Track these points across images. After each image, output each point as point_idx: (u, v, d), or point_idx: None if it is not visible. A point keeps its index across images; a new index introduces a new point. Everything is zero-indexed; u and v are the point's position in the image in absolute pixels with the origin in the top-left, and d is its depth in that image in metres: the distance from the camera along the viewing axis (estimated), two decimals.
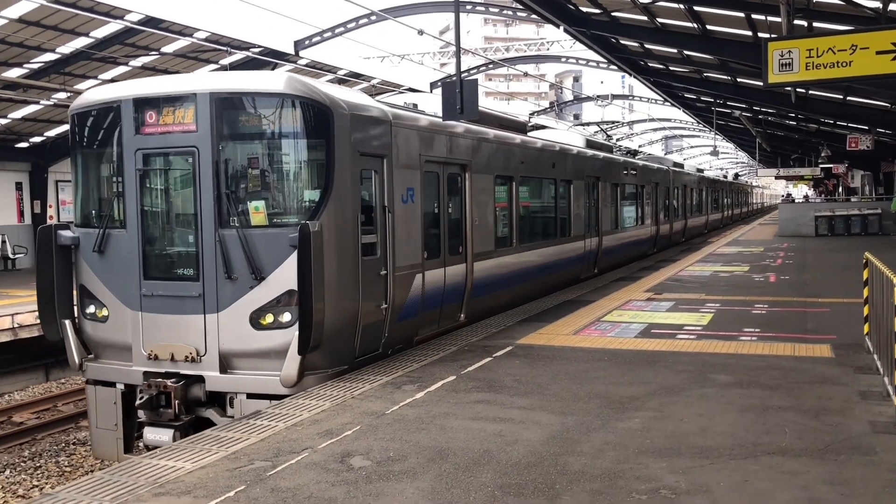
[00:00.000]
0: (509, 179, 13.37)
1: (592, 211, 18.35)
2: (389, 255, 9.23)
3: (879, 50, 9.04)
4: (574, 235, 16.83)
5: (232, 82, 8.56)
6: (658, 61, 22.56)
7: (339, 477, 5.44)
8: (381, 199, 9.17)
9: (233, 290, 8.11)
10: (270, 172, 8.49)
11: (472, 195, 11.61)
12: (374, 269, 8.93)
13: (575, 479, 5.29)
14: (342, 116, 8.39)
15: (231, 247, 8.09)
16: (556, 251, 15.70)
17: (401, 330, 9.65)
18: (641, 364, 8.74)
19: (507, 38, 79.08)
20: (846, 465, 5.43)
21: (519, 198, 13.71)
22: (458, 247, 11.33)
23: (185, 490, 5.27)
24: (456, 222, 11.39)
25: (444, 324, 10.98)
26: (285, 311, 7.99)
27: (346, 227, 8.41)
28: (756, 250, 25.18)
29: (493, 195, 12.55)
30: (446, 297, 10.90)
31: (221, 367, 8.18)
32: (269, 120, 8.39)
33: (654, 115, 55.51)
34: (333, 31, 23.81)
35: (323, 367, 8.27)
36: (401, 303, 9.52)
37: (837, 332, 10.26)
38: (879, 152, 32.41)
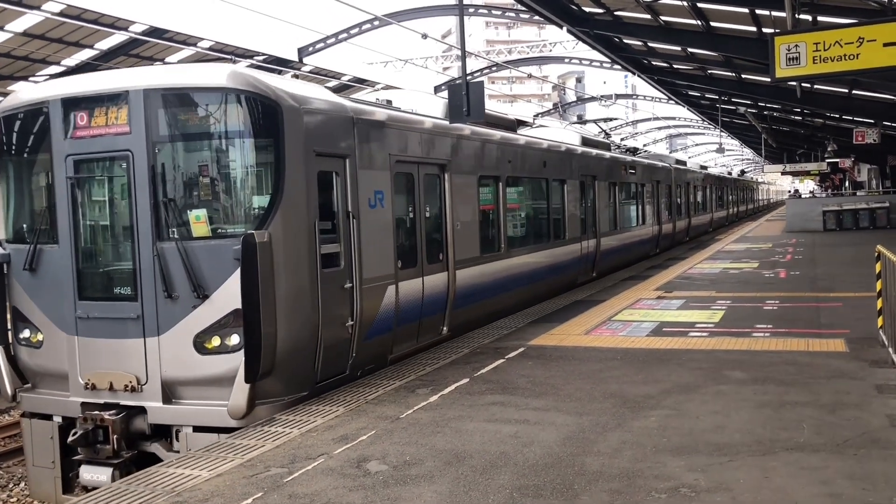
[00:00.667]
0: (495, 180, 12.60)
1: (589, 211, 17.64)
2: (355, 266, 8.37)
3: (887, 42, 9.00)
4: (569, 238, 16.05)
5: (168, 77, 7.70)
6: (662, 59, 22.54)
7: (356, 482, 5.43)
8: (344, 203, 8.32)
9: (174, 310, 7.32)
10: (213, 177, 7.62)
11: (452, 198, 10.75)
12: (336, 282, 8.08)
13: (593, 479, 5.27)
14: (293, 112, 7.56)
15: (170, 262, 7.30)
16: (549, 255, 14.91)
17: (372, 348, 8.81)
18: (655, 362, 8.71)
19: (510, 41, 79.11)
20: (866, 459, 5.39)
21: (507, 199, 12.95)
22: (437, 254, 10.47)
23: (202, 498, 5.27)
24: (435, 227, 10.56)
25: (424, 338, 10.12)
26: (233, 334, 7.18)
27: (301, 237, 7.55)
28: (764, 246, 25.10)
29: (478, 197, 11.73)
30: (426, 310, 10.03)
31: (165, 397, 7.38)
32: (210, 118, 7.57)
33: (659, 113, 55.43)
34: (337, 38, 23.86)
35: (277, 395, 7.43)
36: (370, 318, 8.67)
37: (851, 327, 10.20)
38: (886, 146, 32.28)
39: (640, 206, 22.96)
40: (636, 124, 56.75)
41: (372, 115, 9.07)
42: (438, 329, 10.55)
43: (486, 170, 12.12)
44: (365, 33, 23.70)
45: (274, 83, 7.66)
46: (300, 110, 7.66)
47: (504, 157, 12.86)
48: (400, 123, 9.70)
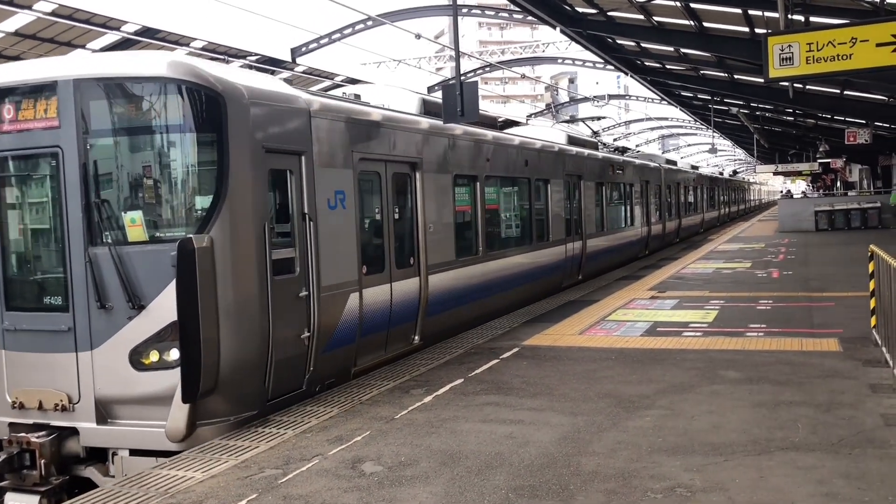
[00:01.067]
0: (473, 179, 11.99)
1: (575, 212, 17.10)
2: (312, 273, 7.76)
3: (880, 42, 9.04)
4: (553, 240, 15.49)
5: (102, 66, 7.03)
6: (655, 60, 22.58)
7: (351, 483, 5.40)
8: (300, 204, 7.71)
9: (108, 322, 6.74)
10: (151, 176, 7.03)
11: (424, 198, 10.14)
12: (290, 291, 7.48)
13: (589, 479, 5.26)
14: (239, 105, 6.96)
15: (104, 269, 6.72)
16: (531, 258, 14.29)
17: (332, 361, 8.22)
18: (649, 362, 8.70)
19: (502, 42, 79.18)
20: (861, 458, 5.39)
21: (485, 200, 12.32)
22: (408, 258, 9.89)
23: (196, 500, 5.23)
24: (405, 230, 9.97)
25: (393, 348, 9.57)
26: (172, 348, 6.58)
27: (248, 241, 6.93)
28: (757, 246, 25.17)
29: (453, 197, 11.11)
30: (395, 318, 9.46)
31: (99, 417, 6.81)
32: (147, 111, 6.96)
33: (651, 114, 55.58)
34: (330, 38, 23.82)
35: (223, 415, 6.84)
36: (330, 329, 8.07)
37: (844, 326, 10.23)
38: (877, 146, 32.44)
39: (629, 206, 22.49)
40: (629, 125, 56.87)
41: (332, 108, 8.47)
42: (409, 338, 9.99)
43: (462, 169, 11.54)
44: (358, 33, 23.68)
45: (218, 72, 7.07)
46: (247, 102, 7.07)
47: (482, 156, 12.32)
48: (364, 118, 9.10)
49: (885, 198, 33.38)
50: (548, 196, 15.36)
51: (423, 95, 11.73)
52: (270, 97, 7.50)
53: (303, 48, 24.18)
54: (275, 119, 7.48)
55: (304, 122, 7.87)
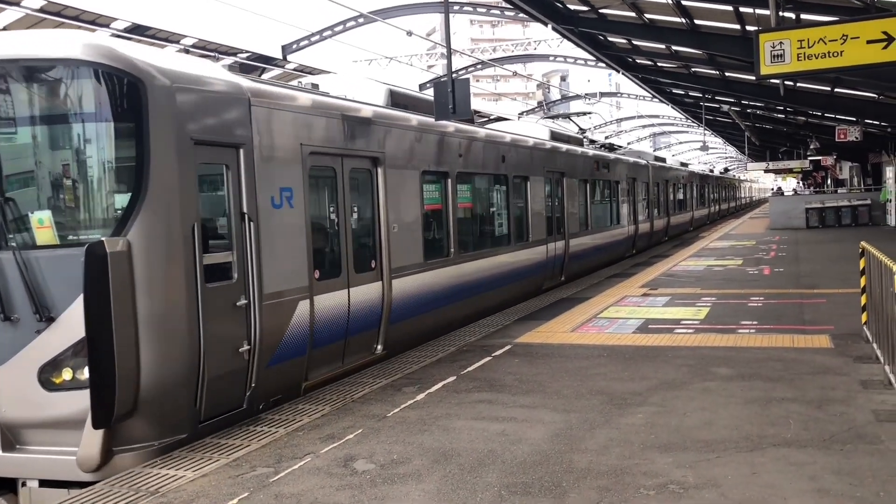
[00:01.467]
0: (443, 176, 11.26)
1: (557, 211, 16.44)
2: (252, 279, 7.03)
3: (870, 39, 9.06)
4: (533, 240, 14.82)
5: (5, 46, 6.30)
6: (646, 57, 22.56)
7: (344, 481, 5.38)
8: (237, 203, 6.97)
9: (14, 336, 6.04)
10: (62, 171, 6.31)
11: (388, 196, 9.45)
12: (226, 299, 6.77)
13: (581, 476, 5.25)
14: (162, 91, 6.24)
15: (8, 275, 6.04)
16: (509, 259, 13.60)
17: (278, 375, 7.53)
18: (641, 359, 8.71)
19: (494, 39, 79.15)
20: (852, 454, 5.41)
21: (458, 198, 11.61)
22: (369, 261, 9.21)
23: (187, 499, 5.20)
24: (365, 231, 9.29)
25: (351, 359, 8.88)
26: (86, 365, 5.81)
27: (173, 244, 6.22)
28: (748, 244, 25.24)
29: (421, 195, 10.40)
30: (354, 326, 8.78)
31: (5, 443, 6.14)
32: (58, 97, 6.28)
33: (643, 111, 55.66)
34: (321, 35, 23.75)
35: (145, 440, 6.17)
36: (275, 340, 7.37)
37: (835, 323, 10.26)
38: (867, 143, 32.54)
39: (615, 204, 21.93)
40: (620, 122, 56.93)
41: (277, 97, 7.73)
42: (371, 347, 9.30)
43: (431, 164, 10.82)
44: (350, 30, 23.62)
45: (139, 55, 6.35)
46: (172, 88, 6.34)
47: (454, 151, 11.54)
48: (316, 109, 8.33)
49: (875, 195, 33.53)
50: (527, 194, 14.74)
51: (391, 86, 11.00)
52: (201, 83, 6.73)
53: (293, 45, 24.10)
54: (207, 107, 6.70)
55: (242, 111, 7.11)
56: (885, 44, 9.00)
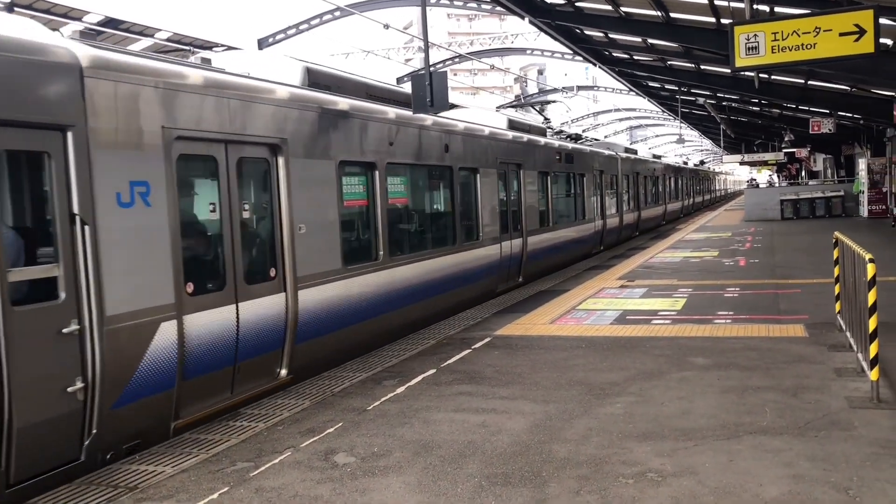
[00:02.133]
0: (369, 168, 9.92)
1: (513, 206, 15.27)
2: (88, 298, 5.70)
3: (842, 31, 9.17)
4: (485, 238, 13.64)
5: None
6: (622, 51, 22.69)
7: (324, 474, 5.38)
8: (65, 201, 5.61)
9: None
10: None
11: (291, 190, 8.10)
12: (46, 324, 5.43)
13: (561, 466, 5.29)
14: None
15: None
16: (455, 261, 12.30)
17: (132, 417, 6.14)
18: (619, 350, 8.78)
19: (471, 33, 79.18)
20: (826, 441, 5.49)
21: (388, 193, 10.31)
22: (266, 269, 7.82)
23: (167, 494, 5.18)
24: (261, 233, 7.95)
25: (245, 388, 7.47)
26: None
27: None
28: (724, 235, 25.47)
29: (339, 190, 9.11)
30: (246, 348, 7.38)
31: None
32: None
33: (620, 105, 55.95)
34: (298, 28, 23.62)
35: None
36: (124, 374, 5.98)
37: (809, 312, 10.40)
38: (841, 136, 32.96)
39: (580, 198, 20.83)
40: (597, 116, 57.21)
41: (125, 68, 6.23)
42: (273, 372, 7.93)
43: (353, 153, 9.48)
44: (326, 24, 23.51)
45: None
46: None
47: (383, 139, 10.19)
48: (189, 84, 6.87)
49: (848, 186, 33.98)
50: (477, 188, 13.51)
51: (310, 65, 9.72)
52: (7, 46, 5.33)
53: (269, 39, 23.96)
54: (14, 77, 5.31)
55: (71, 83, 5.69)
56: (857, 36, 9.12)
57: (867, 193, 30.28)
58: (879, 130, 30.29)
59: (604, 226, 23.39)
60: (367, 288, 9.59)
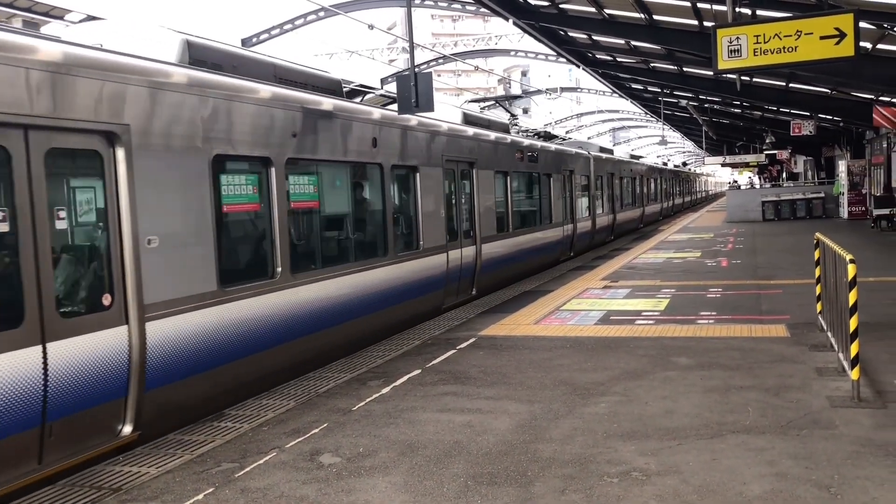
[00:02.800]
0: (263, 164, 8.20)
1: (463, 209, 13.76)
2: None
3: (823, 35, 9.28)
4: (427, 247, 11.98)
5: None
6: (606, 53, 22.80)
7: (310, 475, 5.38)
8: None
9: None
10: None
11: (136, 192, 6.44)
12: None
13: (546, 465, 5.32)
14: None
15: None
16: (386, 276, 10.57)
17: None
18: (603, 350, 8.82)
19: (455, 34, 79.20)
20: (808, 439, 5.55)
21: (291, 195, 8.63)
22: (96, 297, 6.16)
23: (152, 496, 5.15)
24: (88, 248, 6.30)
25: (64, 453, 5.79)
26: None
27: None
28: (706, 236, 25.65)
29: (213, 192, 7.31)
30: (63, 402, 5.73)
31: None
32: None
33: (603, 106, 56.17)
34: (282, 28, 23.55)
35: None
36: None
37: (791, 313, 10.50)
38: (821, 138, 33.28)
39: (546, 201, 19.31)
40: (580, 117, 57.41)
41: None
42: (111, 428, 6.26)
43: (235, 146, 7.71)
44: (310, 24, 23.46)
45: None
46: None
47: (284, 129, 8.49)
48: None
49: (828, 188, 34.34)
50: (416, 189, 11.88)
51: (193, 38, 8.18)
52: None
53: (253, 39, 23.88)
54: None
55: None
56: (838, 40, 9.23)
57: (847, 195, 30.60)
58: (859, 133, 30.64)
59: (574, 230, 22.09)
60: (258, 313, 7.86)
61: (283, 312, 8.26)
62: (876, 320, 9.54)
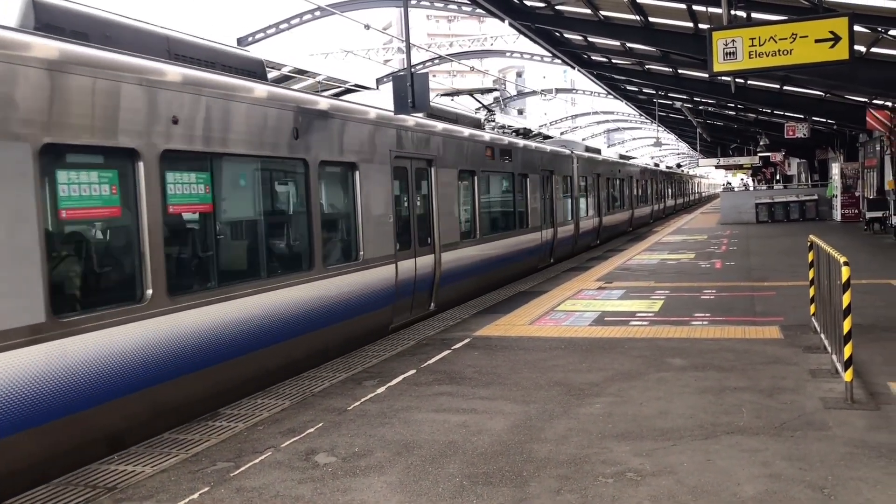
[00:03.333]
0: (123, 158, 6.56)
1: (418, 213, 12.23)
2: None
3: (818, 38, 9.32)
4: (369, 257, 10.35)
5: None
6: (601, 54, 22.84)
7: (305, 474, 5.38)
8: None
9: None
10: None
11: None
12: None
13: (542, 465, 5.33)
14: None
15: None
16: (310, 294, 8.94)
17: None
18: (598, 351, 8.84)
19: (450, 35, 79.18)
20: (802, 441, 5.58)
21: (167, 197, 6.95)
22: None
23: (147, 495, 5.15)
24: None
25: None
26: None
27: None
28: (700, 238, 25.72)
29: (39, 193, 5.68)
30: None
31: None
32: None
33: (598, 108, 56.32)
34: (277, 28, 23.53)
35: None
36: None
37: (784, 314, 10.54)
38: (815, 140, 33.42)
39: (521, 203, 17.92)
40: (575, 118, 57.53)
41: None
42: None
43: (75, 134, 6.07)
44: (306, 23, 23.44)
45: None
46: None
47: (153, 114, 6.79)
48: None
49: (822, 190, 34.47)
50: (354, 190, 10.27)
51: None
52: None
53: (249, 38, 23.84)
54: None
55: None
56: (833, 43, 9.27)
57: (840, 198, 30.72)
58: (852, 136, 30.75)
59: (554, 235, 20.65)
60: (115, 348, 6.27)
61: (156, 344, 6.68)
62: (869, 322, 9.59)
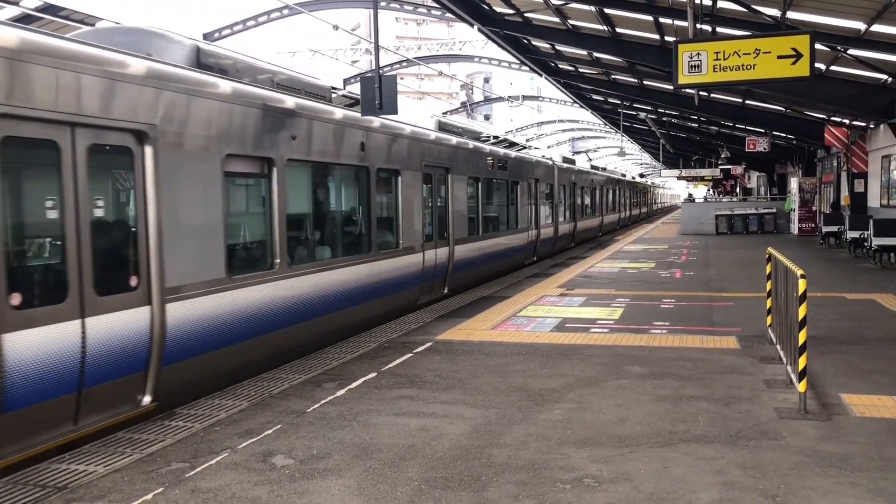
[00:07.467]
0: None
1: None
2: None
3: (781, 54, 9.50)
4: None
5: None
6: (568, 63, 23.04)
7: (262, 476, 5.32)
8: None
9: None
10: None
11: None
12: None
13: (500, 470, 5.33)
14: None
15: None
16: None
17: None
18: (558, 357, 8.89)
19: (419, 38, 79.18)
20: (756, 449, 5.66)
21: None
22: None
23: (98, 495, 5.05)
24: None
25: None
26: None
27: None
28: (661, 248, 26.03)
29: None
30: None
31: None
32: None
33: (563, 116, 56.73)
34: (244, 24, 23.32)
35: None
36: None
37: (742, 325, 10.70)
38: (775, 154, 34.08)
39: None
40: (541, 126, 57.88)
41: None
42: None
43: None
44: (274, 21, 23.27)
45: None
46: None
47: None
48: None
49: (780, 204, 35.14)
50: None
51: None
52: None
53: (215, 34, 23.59)
54: None
55: None
56: (794, 60, 9.46)
57: (798, 211, 31.33)
58: (811, 151, 31.41)
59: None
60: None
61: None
62: (822, 334, 9.79)
